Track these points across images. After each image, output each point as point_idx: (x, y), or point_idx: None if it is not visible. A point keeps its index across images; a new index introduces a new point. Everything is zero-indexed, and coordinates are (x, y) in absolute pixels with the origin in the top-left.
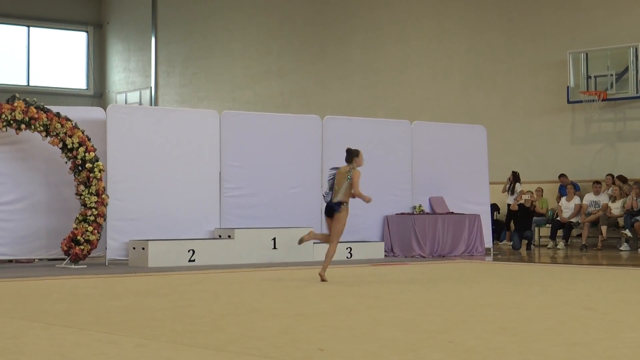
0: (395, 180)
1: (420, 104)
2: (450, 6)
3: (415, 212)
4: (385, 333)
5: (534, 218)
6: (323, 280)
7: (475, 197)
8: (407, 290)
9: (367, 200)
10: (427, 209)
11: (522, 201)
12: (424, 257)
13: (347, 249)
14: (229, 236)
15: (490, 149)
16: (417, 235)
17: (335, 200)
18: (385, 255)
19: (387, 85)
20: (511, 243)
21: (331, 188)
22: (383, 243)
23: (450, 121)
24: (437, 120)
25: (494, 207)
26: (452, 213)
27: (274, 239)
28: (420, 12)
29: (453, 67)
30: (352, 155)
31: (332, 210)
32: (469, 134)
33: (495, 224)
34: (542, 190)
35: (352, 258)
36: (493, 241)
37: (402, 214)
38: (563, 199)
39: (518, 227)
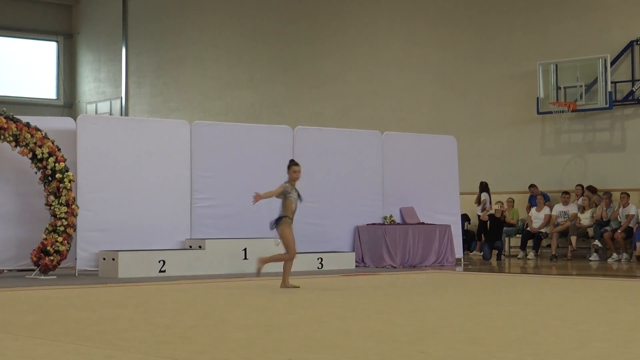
0: (366, 191)
1: (391, 115)
2: (421, 17)
3: (386, 223)
4: (357, 344)
5: (504, 228)
6: (295, 286)
7: (446, 208)
8: (378, 301)
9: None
10: (397, 219)
11: (491, 211)
12: (394, 267)
13: (318, 259)
14: (200, 246)
15: (460, 159)
16: (388, 245)
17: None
18: (356, 266)
19: (358, 95)
20: (481, 253)
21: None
22: (354, 253)
23: (421, 132)
24: (408, 131)
25: (465, 218)
26: (423, 223)
27: (245, 249)
28: (391, 24)
29: (424, 78)
30: (287, 167)
31: (271, 223)
32: (439, 144)
33: (466, 234)
34: (513, 200)
35: (322, 268)
36: (463, 251)
37: (373, 224)
38: (533, 209)
39: (488, 238)
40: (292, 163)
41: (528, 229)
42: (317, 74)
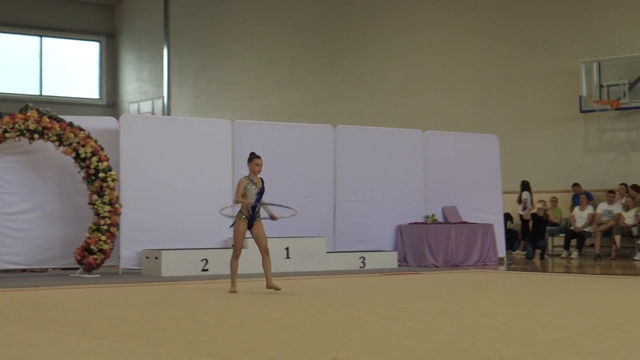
0: (408, 190)
1: (432, 114)
2: (463, 15)
3: (428, 222)
4: (399, 343)
5: (547, 227)
6: (277, 289)
7: (488, 207)
8: (420, 300)
9: (246, 204)
10: (440, 218)
11: (534, 210)
12: (437, 266)
13: (360, 258)
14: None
15: (503, 158)
16: (430, 244)
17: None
18: (398, 265)
19: (400, 94)
20: (524, 252)
21: None
22: (396, 252)
23: (462, 130)
24: (450, 129)
25: (507, 217)
26: (465, 222)
27: (287, 248)
28: (433, 22)
29: (466, 77)
30: (248, 159)
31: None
32: (481, 143)
33: (508, 233)
34: (557, 199)
35: (365, 267)
36: (506, 250)
37: (415, 223)
38: (576, 208)
39: (531, 237)
40: (254, 156)
41: (571, 228)
42: (359, 73)
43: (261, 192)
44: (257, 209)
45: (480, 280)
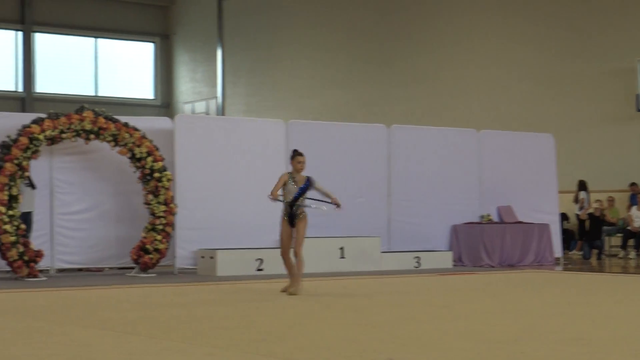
0: (463, 189)
1: (486, 112)
2: (517, 14)
3: (483, 221)
4: (455, 343)
5: (604, 227)
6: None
7: (544, 206)
8: (476, 300)
9: (273, 197)
10: (495, 218)
11: (591, 210)
12: (492, 266)
13: (415, 258)
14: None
15: (558, 157)
16: (486, 244)
17: None
18: (453, 265)
19: (453, 93)
20: (581, 252)
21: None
22: (451, 252)
23: (517, 129)
24: (504, 129)
25: (563, 216)
26: (521, 222)
27: (342, 248)
28: (485, 20)
29: (520, 75)
30: (290, 157)
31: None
32: (536, 142)
33: (565, 233)
34: (614, 199)
35: (420, 267)
36: (563, 250)
37: (470, 223)
38: (633, 207)
39: (588, 237)
40: (296, 153)
41: (628, 228)
42: (412, 72)
43: (303, 190)
44: (297, 209)
45: (537, 281)
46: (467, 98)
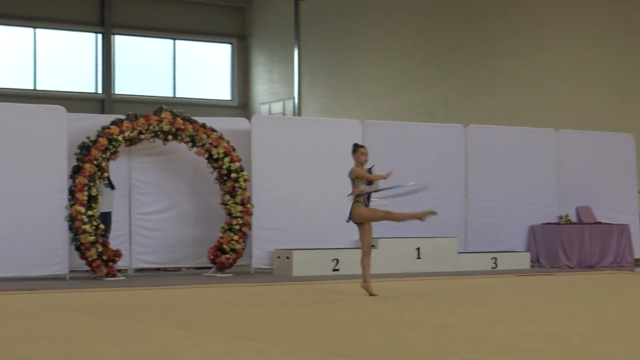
0: (541, 190)
1: (566, 112)
2: (597, 11)
3: (561, 222)
4: (532, 345)
5: None
6: (372, 294)
7: (624, 207)
8: (553, 302)
9: (384, 176)
10: (574, 218)
11: None
12: (571, 267)
13: (492, 259)
14: (373, 245)
15: (638, 157)
16: (564, 245)
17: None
18: (531, 266)
19: (532, 93)
20: None
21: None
22: (529, 253)
23: (597, 129)
24: (584, 129)
25: None
26: (600, 223)
27: (418, 248)
28: (565, 18)
29: (600, 74)
30: (352, 151)
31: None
32: (616, 142)
33: None
34: None
35: (497, 268)
36: None
37: (548, 223)
38: None
39: None
40: (358, 146)
41: None
42: (490, 72)
43: (369, 183)
44: (369, 200)
45: (616, 282)
46: (546, 98)
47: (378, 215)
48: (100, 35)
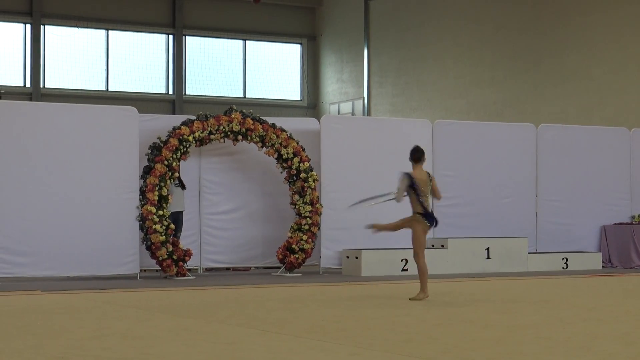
0: (613, 189)
1: (639, 111)
2: None
3: (634, 222)
4: (604, 346)
5: None
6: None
7: None
8: (625, 302)
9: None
10: None
11: None
12: None
13: (563, 259)
14: (442, 246)
15: None
16: (637, 245)
17: (430, 210)
18: (602, 266)
19: (604, 91)
20: None
21: (418, 195)
22: (600, 253)
23: None
24: None
25: None
26: None
27: (488, 248)
28: (638, 16)
29: None
30: (422, 154)
31: (435, 221)
32: None
33: None
34: None
35: (568, 269)
36: None
37: (621, 223)
38: None
39: None
40: (421, 152)
41: None
42: (561, 71)
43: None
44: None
45: None
46: (619, 96)
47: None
48: (171, 37)
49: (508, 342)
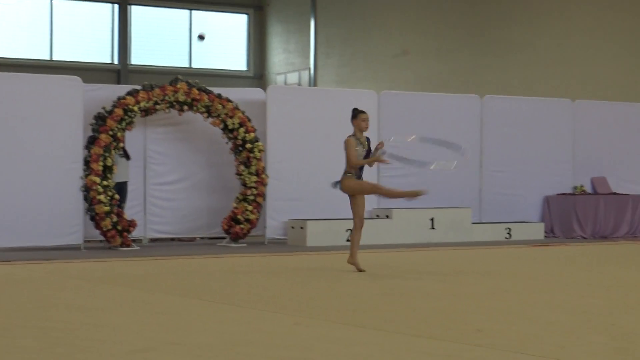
0: (556, 160)
1: (582, 82)
2: None
3: (576, 193)
4: (544, 315)
5: None
6: (360, 269)
7: (639, 177)
8: (566, 272)
9: (381, 160)
10: (589, 189)
11: None
12: (585, 238)
13: (506, 229)
14: (387, 216)
15: None
16: (578, 216)
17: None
18: (545, 236)
19: (548, 63)
20: None
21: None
22: (543, 224)
23: (613, 99)
24: (600, 99)
25: None
26: (615, 193)
27: (432, 219)
28: None
29: (618, 43)
30: (352, 116)
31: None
32: (632, 112)
33: None
34: None
35: (511, 239)
36: None
37: (563, 194)
38: None
39: None
40: (358, 111)
41: None
42: (506, 43)
43: (368, 153)
44: (362, 171)
45: (630, 253)
46: (562, 68)
47: (365, 188)
48: (116, 6)
49: (450, 312)
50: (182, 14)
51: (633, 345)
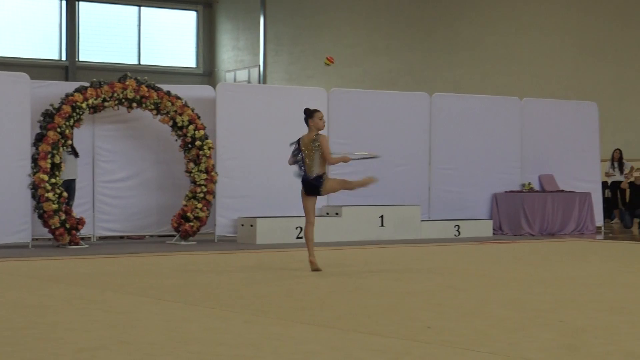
0: (505, 158)
1: (530, 81)
2: None
3: (524, 190)
4: (494, 311)
5: None
6: (317, 269)
7: (586, 175)
8: (515, 269)
9: (346, 160)
10: (536, 186)
11: (632, 179)
12: (533, 235)
13: (455, 226)
14: (337, 213)
15: (602, 125)
16: (527, 213)
17: (313, 175)
18: (493, 234)
19: (496, 61)
20: (622, 222)
21: (301, 162)
22: (491, 221)
23: (561, 97)
24: (548, 97)
25: (605, 185)
26: (562, 191)
27: (382, 216)
28: None
29: (564, 43)
30: (307, 116)
31: (313, 187)
32: (580, 110)
33: (606, 202)
34: None
35: (460, 236)
36: (604, 219)
37: (511, 191)
38: None
39: (629, 206)
40: (314, 110)
41: None
42: (454, 40)
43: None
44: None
45: (577, 250)
46: (510, 65)
47: (342, 186)
48: (64, 2)
49: (400, 309)
50: (130, 10)
51: (581, 342)
